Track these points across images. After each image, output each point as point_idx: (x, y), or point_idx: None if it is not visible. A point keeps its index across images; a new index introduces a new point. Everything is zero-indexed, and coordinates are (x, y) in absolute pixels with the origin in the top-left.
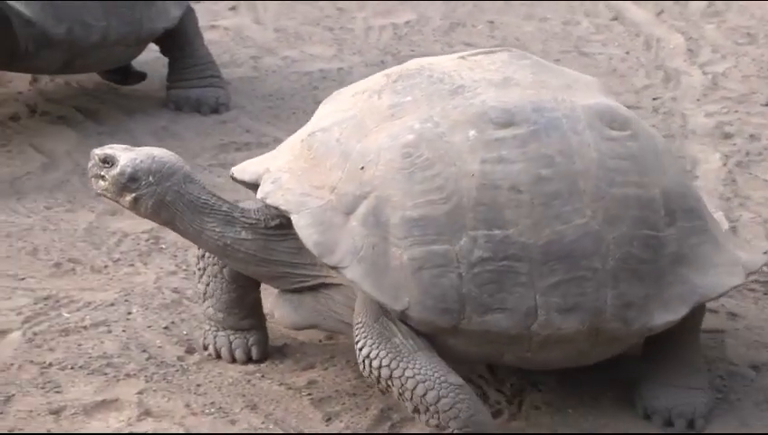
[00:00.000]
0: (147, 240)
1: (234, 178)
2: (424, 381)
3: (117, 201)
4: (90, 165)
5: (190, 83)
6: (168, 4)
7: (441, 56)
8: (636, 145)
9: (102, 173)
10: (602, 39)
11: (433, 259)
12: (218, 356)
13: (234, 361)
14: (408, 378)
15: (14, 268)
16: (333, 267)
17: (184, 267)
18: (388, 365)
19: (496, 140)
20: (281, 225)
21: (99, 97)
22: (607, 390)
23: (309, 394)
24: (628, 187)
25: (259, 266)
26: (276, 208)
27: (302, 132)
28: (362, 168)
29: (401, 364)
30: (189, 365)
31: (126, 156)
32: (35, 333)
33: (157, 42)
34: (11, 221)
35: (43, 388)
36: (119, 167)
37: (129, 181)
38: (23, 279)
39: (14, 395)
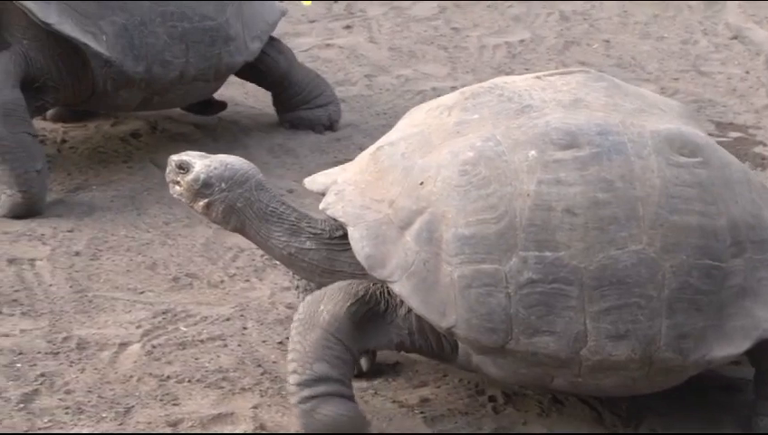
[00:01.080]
0: (262, 256)
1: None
2: (293, 355)
3: (191, 206)
4: (167, 171)
5: (300, 108)
6: (248, 37)
7: (518, 75)
8: (705, 172)
9: (178, 179)
10: (721, 58)
11: (481, 278)
12: None
13: None
14: (292, 343)
15: (133, 282)
16: (382, 281)
17: None
18: (296, 326)
19: (555, 162)
20: (344, 236)
21: (216, 114)
22: (726, 414)
23: (421, 412)
24: (690, 215)
25: (323, 277)
26: (336, 220)
27: (374, 146)
28: (421, 183)
29: (300, 329)
30: None
31: (201, 163)
32: (154, 346)
33: (253, 80)
34: (131, 236)
35: (161, 400)
36: (193, 173)
37: (203, 187)
38: (142, 293)
39: (133, 407)
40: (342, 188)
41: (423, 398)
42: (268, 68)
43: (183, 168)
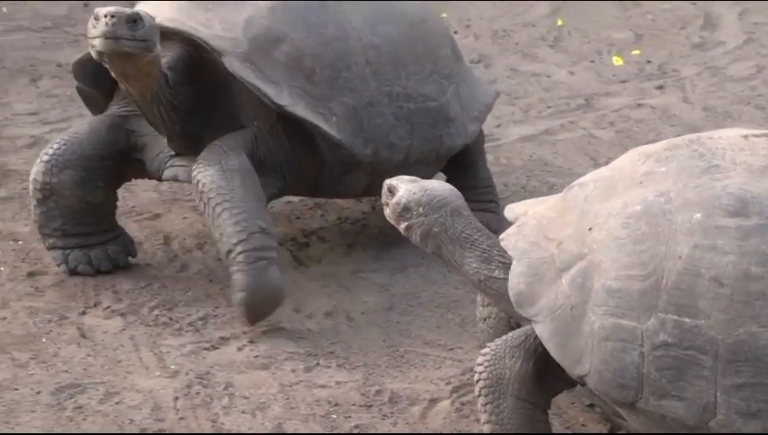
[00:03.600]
0: None
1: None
2: (491, 426)
3: (397, 227)
4: (382, 193)
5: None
6: (467, 119)
7: (729, 130)
8: None
9: (387, 201)
10: None
11: (619, 333)
12: None
13: None
14: (485, 413)
15: (443, 338)
16: (526, 319)
17: None
18: (483, 391)
19: (717, 228)
20: None
21: None
22: None
23: None
24: None
25: (509, 305)
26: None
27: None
28: (590, 229)
29: (489, 397)
30: None
31: (405, 187)
32: (463, 404)
33: None
34: (441, 293)
35: None
36: (396, 196)
37: (403, 211)
38: (451, 350)
39: None
40: (525, 222)
41: None
42: (464, 150)
43: (391, 191)
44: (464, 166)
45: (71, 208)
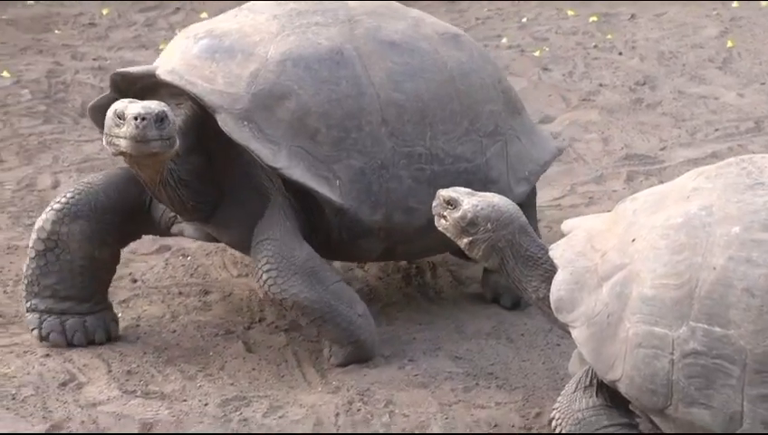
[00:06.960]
0: None
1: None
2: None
3: (454, 240)
4: (434, 204)
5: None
6: (513, 180)
7: None
8: None
9: (445, 213)
10: None
11: (651, 340)
12: None
13: None
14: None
15: None
16: (565, 324)
17: None
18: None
19: (753, 241)
20: None
21: None
22: None
23: None
24: None
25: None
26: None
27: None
28: (633, 240)
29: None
30: None
31: (468, 201)
32: None
33: None
34: None
35: None
36: (460, 211)
37: (469, 225)
38: None
39: None
40: (576, 234)
41: None
42: None
43: (451, 204)
44: None
45: (71, 265)
